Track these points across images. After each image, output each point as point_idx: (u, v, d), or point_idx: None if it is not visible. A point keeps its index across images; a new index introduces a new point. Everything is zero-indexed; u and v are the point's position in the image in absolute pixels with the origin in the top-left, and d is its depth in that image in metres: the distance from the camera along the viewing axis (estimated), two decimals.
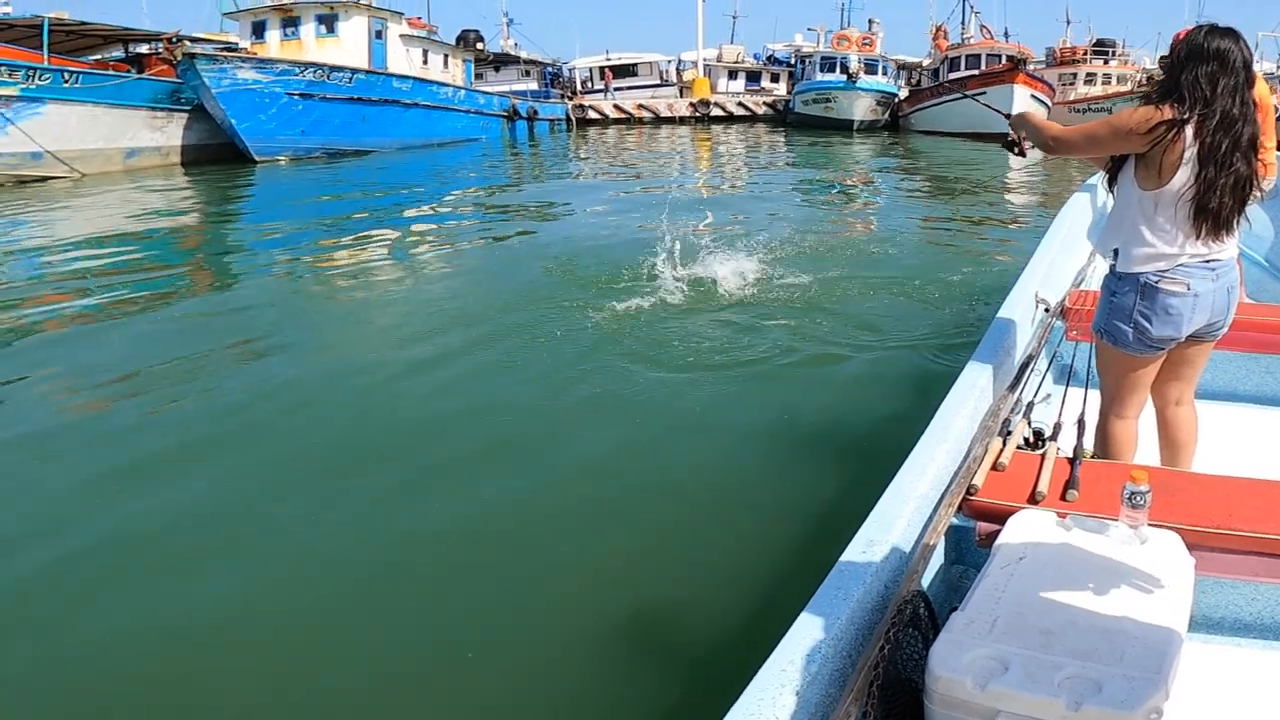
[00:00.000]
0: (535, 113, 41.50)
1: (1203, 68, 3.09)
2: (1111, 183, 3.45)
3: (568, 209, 17.12)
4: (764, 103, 50.37)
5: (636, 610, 3.91)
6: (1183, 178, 3.14)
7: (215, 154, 27.48)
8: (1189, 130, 3.09)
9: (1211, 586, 2.84)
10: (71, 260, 12.22)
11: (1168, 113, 3.10)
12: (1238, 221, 3.25)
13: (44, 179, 23.15)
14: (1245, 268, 3.50)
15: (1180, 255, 3.23)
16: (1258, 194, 3.32)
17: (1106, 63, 44.52)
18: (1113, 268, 3.42)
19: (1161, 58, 3.36)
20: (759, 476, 5.09)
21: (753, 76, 55.72)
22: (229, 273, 11.91)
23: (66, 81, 23.62)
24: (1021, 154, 4.00)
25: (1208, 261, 3.25)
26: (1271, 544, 2.68)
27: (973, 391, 3.64)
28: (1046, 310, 4.90)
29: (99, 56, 29.52)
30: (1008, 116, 4.02)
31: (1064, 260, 5.82)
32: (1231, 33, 3.16)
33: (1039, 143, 3.70)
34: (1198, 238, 3.19)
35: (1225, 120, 3.08)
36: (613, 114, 48.69)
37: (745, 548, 4.31)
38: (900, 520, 2.77)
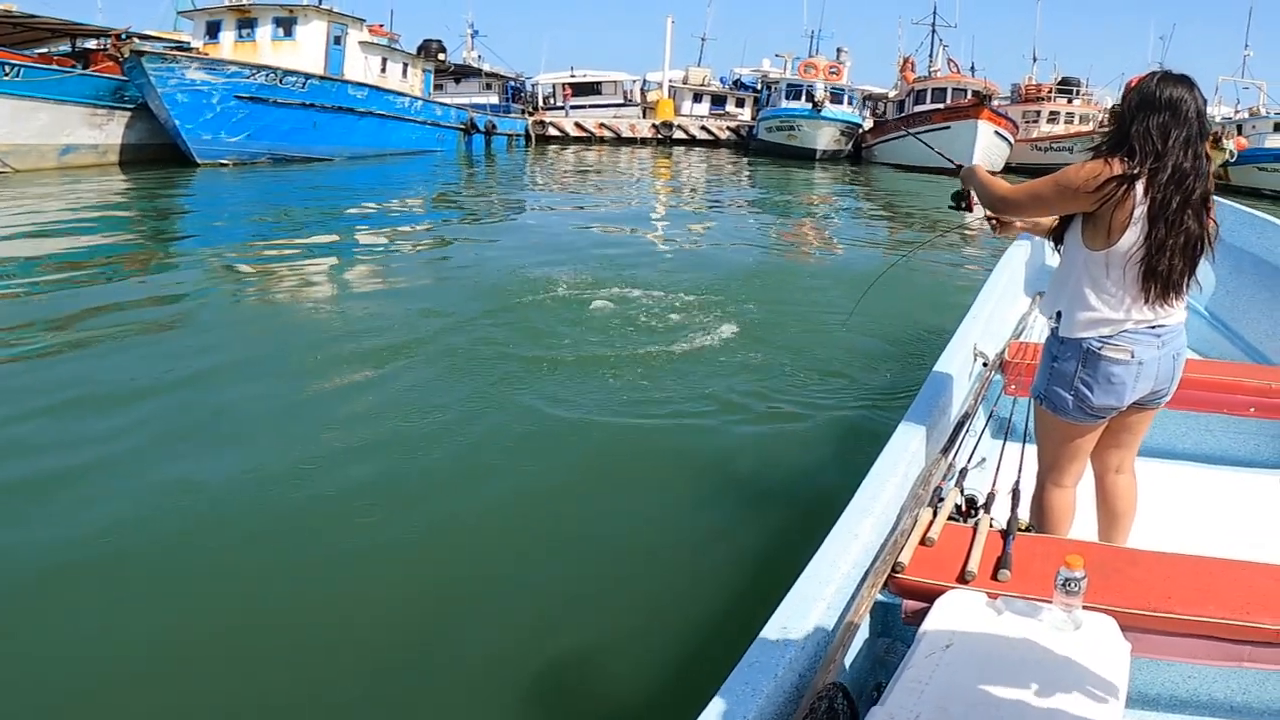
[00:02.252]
0: (493, 127, 41.05)
1: (1154, 118, 2.95)
2: (1058, 241, 3.29)
3: (512, 231, 16.85)
4: (727, 128, 50.17)
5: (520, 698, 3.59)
6: (1131, 237, 2.98)
7: (155, 155, 26.67)
8: (1139, 186, 2.93)
9: (1148, 664, 2.80)
10: None
11: (1116, 168, 2.94)
12: (1188, 285, 3.10)
13: None
14: (1188, 320, 3.28)
15: (1125, 321, 3.08)
16: (1210, 254, 3.10)
17: (1070, 101, 45.48)
18: (1055, 331, 3.26)
19: (1113, 107, 3.16)
20: (669, 549, 4.71)
21: (718, 100, 55.47)
22: (150, 277, 11.48)
23: (8, 74, 22.84)
24: (969, 209, 3.76)
25: (1154, 328, 3.11)
26: (1209, 626, 2.60)
27: (903, 456, 3.48)
28: (985, 364, 4.76)
29: (45, 50, 28.63)
30: (958, 168, 3.71)
31: (1003, 311, 5.70)
32: (1185, 80, 3.03)
33: (985, 201, 3.49)
34: (1145, 302, 3.05)
35: (1177, 175, 2.92)
36: (574, 132, 48.38)
37: (649, 632, 3.98)
38: (819, 603, 2.63)
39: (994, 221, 3.79)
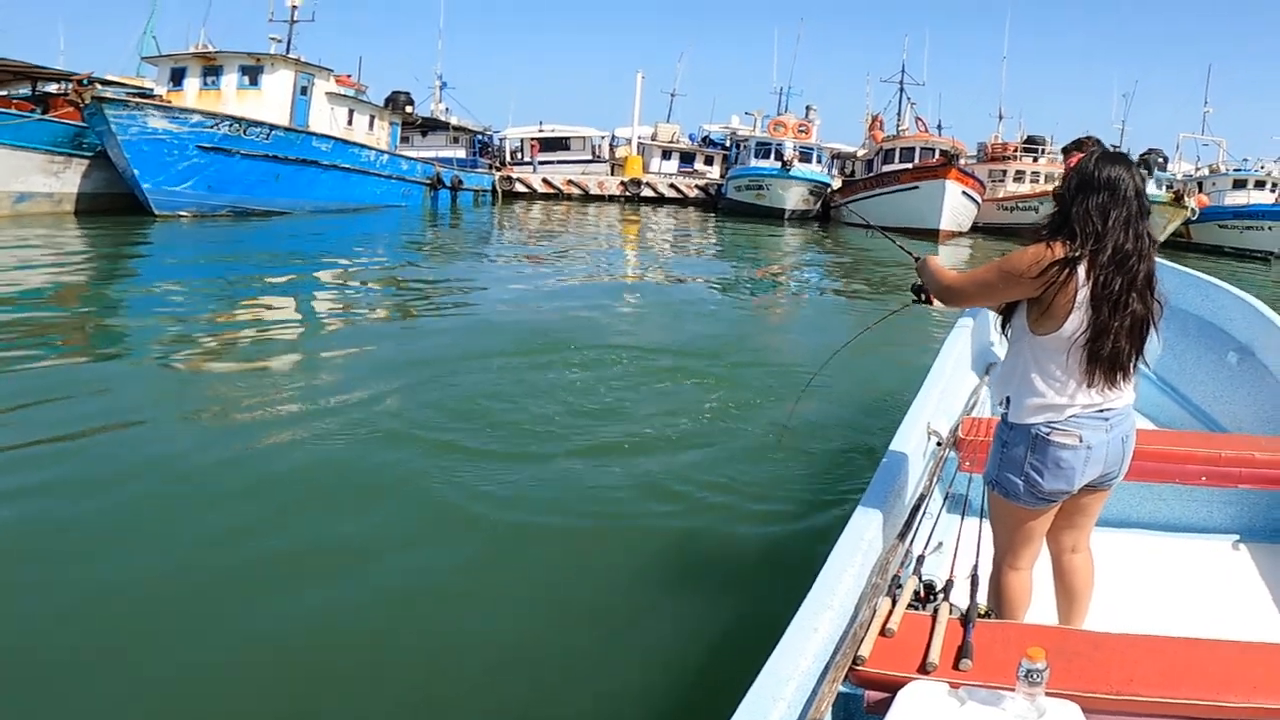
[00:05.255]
0: (459, 182, 40.67)
1: (1094, 199, 2.98)
2: (1005, 325, 3.30)
3: (472, 293, 16.61)
4: (696, 185, 50.30)
5: None
6: (1075, 321, 3.01)
7: (111, 204, 26.01)
8: (1080, 270, 2.96)
9: None
10: None
11: (1058, 251, 2.98)
12: (1134, 366, 3.13)
13: None
14: (1138, 383, 3.31)
15: (1072, 405, 3.11)
16: (1156, 333, 3.13)
17: (1036, 160, 46.02)
18: (1004, 416, 3.30)
19: (1054, 189, 3.23)
20: (620, 648, 4.50)
21: (687, 158, 55.65)
22: (97, 335, 11.17)
23: None
24: (928, 301, 3.63)
25: (1101, 411, 3.13)
26: (1172, 708, 2.62)
27: (860, 544, 3.40)
28: (939, 442, 4.69)
29: (4, 93, 28.05)
30: (916, 259, 3.74)
31: (955, 386, 5.66)
32: (1123, 159, 3.07)
33: (934, 291, 3.52)
34: (1091, 385, 3.07)
35: (1118, 256, 2.96)
36: (541, 188, 48.29)
37: None
38: (780, 702, 2.56)
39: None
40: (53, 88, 29.13)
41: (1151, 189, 40.92)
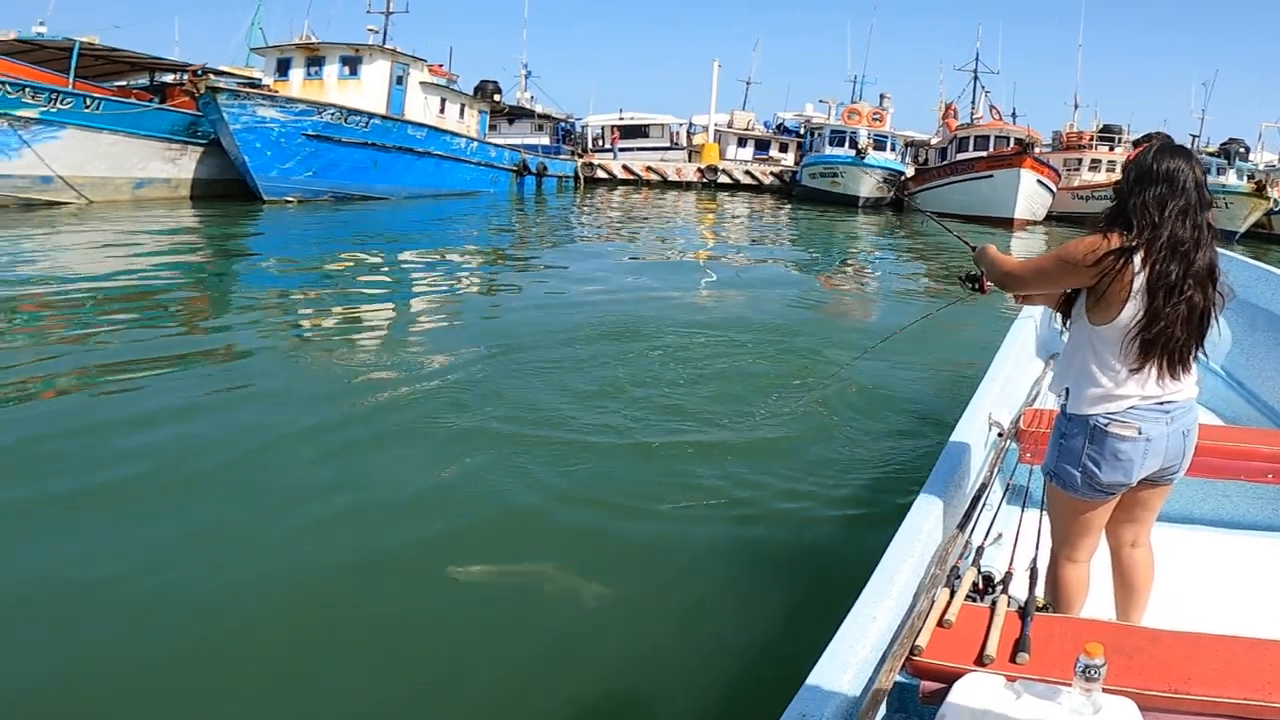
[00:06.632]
0: (544, 169, 41.65)
1: (1151, 190, 2.97)
2: (1065, 318, 3.33)
3: (557, 274, 17.34)
4: (771, 173, 50.52)
5: None
6: (1132, 310, 2.99)
7: (224, 190, 27.53)
8: (1137, 259, 2.95)
9: None
10: (66, 288, 12.39)
11: (1115, 241, 2.98)
12: (1194, 358, 3.09)
13: (51, 204, 23.17)
14: (1202, 378, 3.34)
15: (1130, 397, 3.08)
16: (1215, 325, 3.13)
17: (1112, 149, 44.89)
18: (1063, 408, 3.28)
19: (1115, 182, 3.22)
20: (682, 635, 4.54)
21: (762, 145, 55.93)
22: (217, 314, 12.05)
23: (88, 107, 23.68)
24: (981, 290, 3.77)
25: (1162, 403, 3.09)
26: (1229, 707, 2.58)
27: (920, 535, 3.48)
28: (1000, 434, 4.74)
29: (124, 83, 29.57)
30: (973, 248, 3.79)
31: (1018, 376, 5.67)
32: (1183, 151, 3.06)
33: (994, 278, 3.59)
34: (1151, 377, 3.05)
35: (1175, 245, 2.94)
36: (621, 174, 49.02)
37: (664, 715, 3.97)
38: (838, 688, 2.63)
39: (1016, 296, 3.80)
40: (169, 78, 30.51)
41: (1232, 179, 40.49)
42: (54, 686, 3.86)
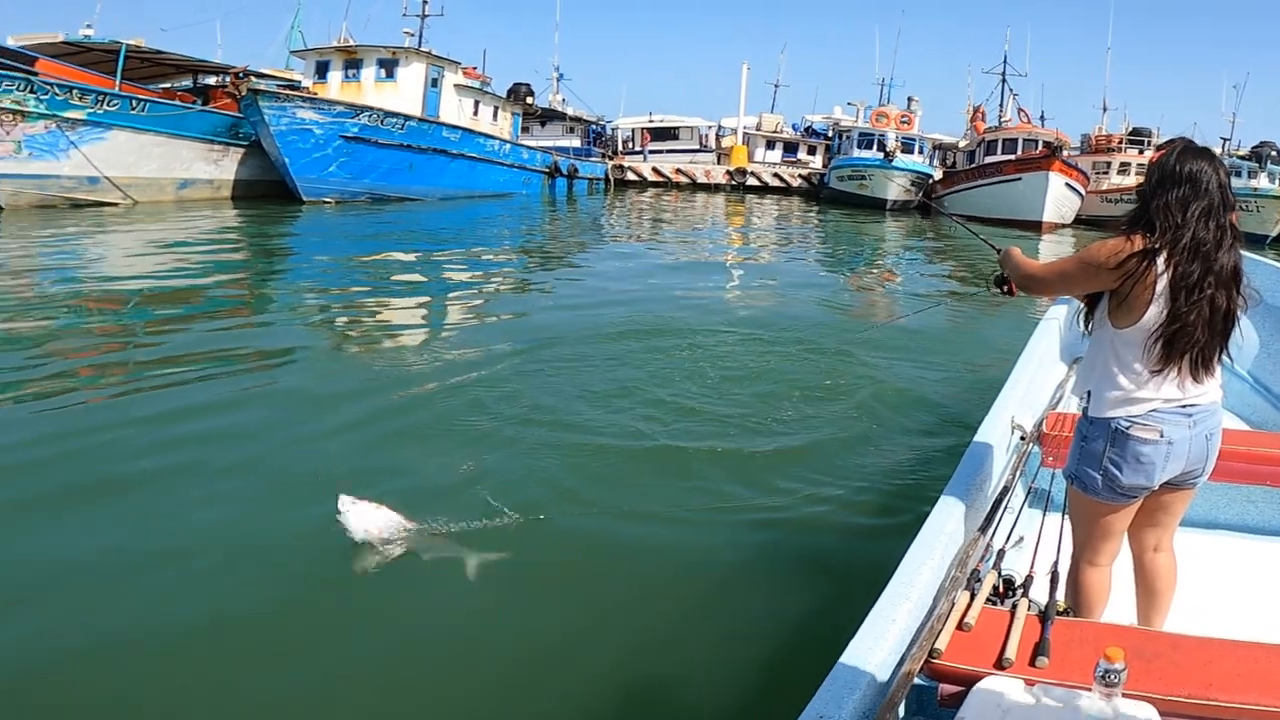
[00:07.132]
0: (575, 171, 42.05)
1: (1174, 192, 2.96)
2: (1088, 320, 3.30)
3: (589, 273, 17.69)
4: (799, 175, 50.51)
5: None
6: (1155, 312, 2.97)
7: (264, 191, 28.11)
8: (1160, 261, 2.93)
9: None
10: (113, 285, 13.02)
11: (1138, 243, 2.96)
12: (1217, 360, 3.07)
13: (98, 204, 23.73)
14: (1228, 381, 3.45)
15: (1152, 400, 3.06)
16: (1245, 331, 3.22)
17: (1141, 152, 43.92)
18: (1085, 410, 3.26)
19: (1138, 185, 3.23)
20: (703, 635, 4.55)
21: (790, 148, 55.83)
22: (260, 312, 12.44)
23: (134, 109, 24.23)
24: (1010, 293, 3.70)
25: (1184, 407, 3.08)
26: (1250, 714, 2.55)
27: (940, 537, 3.47)
28: (1023, 437, 4.72)
29: (168, 85, 30.21)
30: (997, 251, 3.78)
31: (1041, 380, 5.65)
32: (1206, 153, 3.03)
33: (1017, 281, 3.58)
34: (1173, 380, 3.03)
35: (1197, 247, 2.91)
36: (651, 177, 49.34)
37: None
38: (856, 690, 2.62)
39: None
40: (212, 80, 31.21)
41: (1264, 182, 40.23)
42: (69, 668, 4.06)
